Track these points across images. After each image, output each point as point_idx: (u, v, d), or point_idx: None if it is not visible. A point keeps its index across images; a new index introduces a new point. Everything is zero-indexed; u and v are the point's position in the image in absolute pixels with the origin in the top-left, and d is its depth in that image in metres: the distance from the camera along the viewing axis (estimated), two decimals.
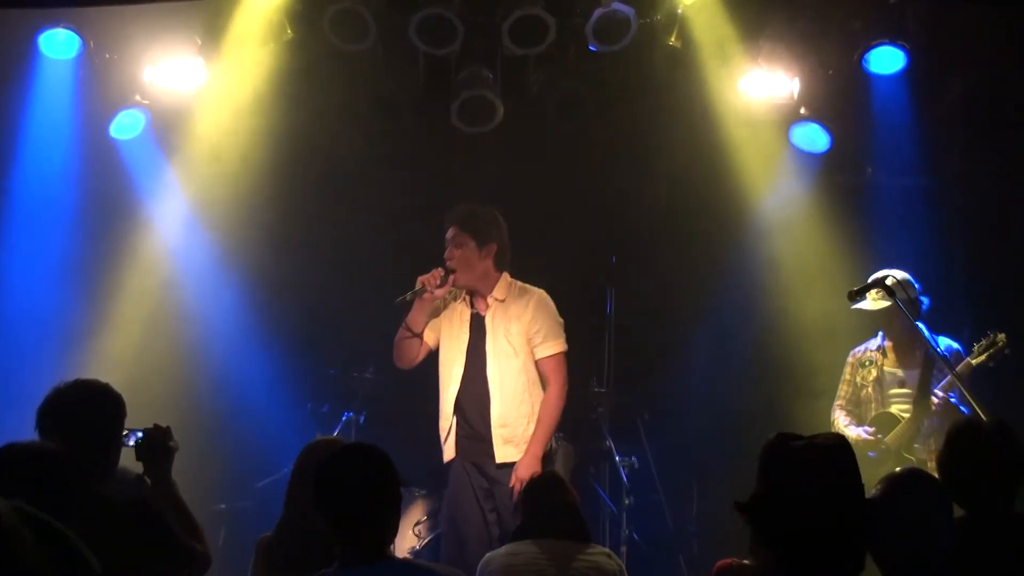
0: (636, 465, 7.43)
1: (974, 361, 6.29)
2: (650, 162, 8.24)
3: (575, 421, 7.15)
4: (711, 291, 8.26)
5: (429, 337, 6.34)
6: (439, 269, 6.14)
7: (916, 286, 6.44)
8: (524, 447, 6.01)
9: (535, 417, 6.06)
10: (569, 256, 8.22)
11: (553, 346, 6.16)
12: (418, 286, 6.10)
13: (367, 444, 3.77)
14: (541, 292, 6.29)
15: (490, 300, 6.21)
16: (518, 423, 6.08)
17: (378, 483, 3.57)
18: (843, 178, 8.24)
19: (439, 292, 6.13)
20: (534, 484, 5.19)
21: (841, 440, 3.04)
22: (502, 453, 6.05)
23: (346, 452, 3.72)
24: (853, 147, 8.05)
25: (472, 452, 6.10)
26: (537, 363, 6.14)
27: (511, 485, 5.93)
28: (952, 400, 6.31)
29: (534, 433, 6.01)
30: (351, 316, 8.14)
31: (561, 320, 6.29)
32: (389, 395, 7.77)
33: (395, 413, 7.74)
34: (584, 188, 8.41)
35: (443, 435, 6.21)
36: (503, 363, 6.12)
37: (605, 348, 7.71)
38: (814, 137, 7.77)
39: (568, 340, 6.27)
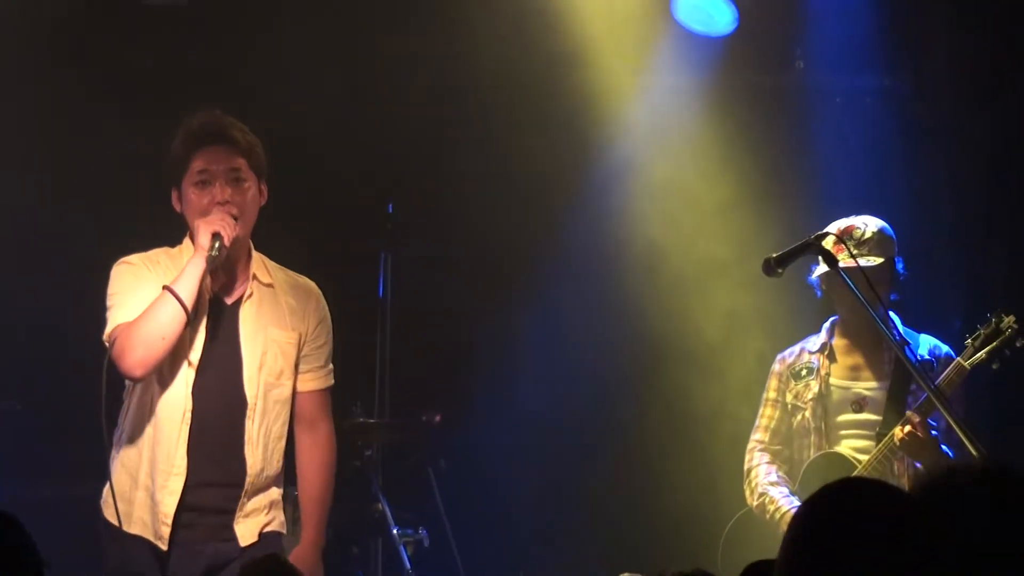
0: (426, 543, 7.53)
1: (968, 363, 6.24)
2: (450, 45, 8.15)
3: None
4: (548, 259, 8.29)
5: None
6: (224, 214, 5.77)
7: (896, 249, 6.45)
8: (271, 521, 5.93)
9: (282, 479, 6.01)
10: (317, 202, 8.20)
11: (329, 376, 6.15)
12: (211, 235, 5.69)
13: None
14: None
15: (250, 283, 5.99)
16: (270, 483, 5.97)
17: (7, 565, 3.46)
18: (758, 77, 8.36)
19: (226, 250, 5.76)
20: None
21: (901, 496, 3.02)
22: (247, 530, 5.88)
23: None
24: (775, 29, 8.14)
25: (200, 531, 5.84)
26: (300, 396, 6.07)
27: None
28: (933, 433, 6.25)
29: (313, 505, 6.06)
30: None
31: None
32: (41, 438, 7.81)
33: (48, 466, 7.78)
34: (340, 87, 8.23)
35: (152, 500, 5.79)
36: (266, 383, 5.95)
37: (377, 353, 7.90)
38: (712, 11, 7.92)
39: None
